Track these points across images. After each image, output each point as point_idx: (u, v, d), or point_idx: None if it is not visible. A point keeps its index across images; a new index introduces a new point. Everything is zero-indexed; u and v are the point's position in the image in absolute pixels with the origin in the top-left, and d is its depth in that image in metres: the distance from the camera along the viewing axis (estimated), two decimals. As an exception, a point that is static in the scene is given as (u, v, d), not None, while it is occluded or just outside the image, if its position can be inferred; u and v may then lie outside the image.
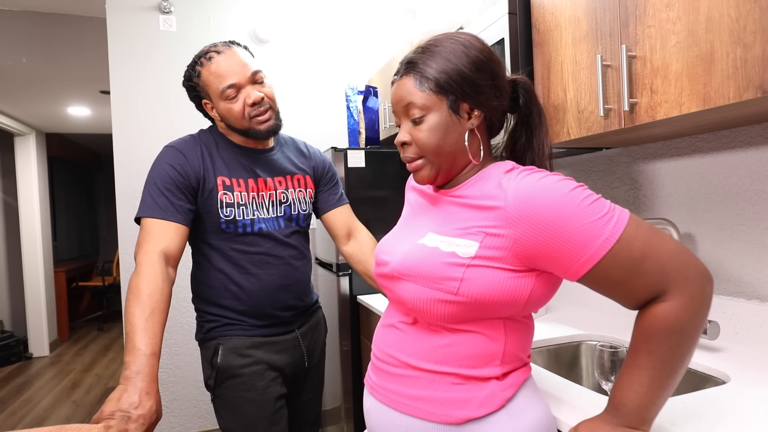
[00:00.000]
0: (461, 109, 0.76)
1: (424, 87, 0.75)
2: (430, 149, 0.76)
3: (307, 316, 1.37)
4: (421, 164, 0.79)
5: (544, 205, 0.66)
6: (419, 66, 0.76)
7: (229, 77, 1.16)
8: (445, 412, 0.72)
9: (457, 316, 0.72)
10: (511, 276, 0.69)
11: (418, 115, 0.76)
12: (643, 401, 0.64)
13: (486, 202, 0.72)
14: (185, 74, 1.24)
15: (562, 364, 1.32)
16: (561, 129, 1.24)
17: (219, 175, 1.21)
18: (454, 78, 0.74)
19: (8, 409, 3.29)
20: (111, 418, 0.80)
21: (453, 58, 0.75)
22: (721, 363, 1.05)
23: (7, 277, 4.72)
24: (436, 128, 0.75)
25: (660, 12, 0.94)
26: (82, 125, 4.83)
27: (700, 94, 0.87)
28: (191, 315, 2.60)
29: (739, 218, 1.17)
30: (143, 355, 0.89)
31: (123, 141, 2.51)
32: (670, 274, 0.63)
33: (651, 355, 0.64)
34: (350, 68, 2.94)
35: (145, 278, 1.01)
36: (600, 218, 0.64)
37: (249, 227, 1.22)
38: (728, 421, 0.78)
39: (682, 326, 0.62)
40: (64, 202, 5.79)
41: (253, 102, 1.17)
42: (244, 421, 1.19)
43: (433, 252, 0.74)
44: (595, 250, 0.64)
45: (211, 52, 1.19)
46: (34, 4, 2.85)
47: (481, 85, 0.75)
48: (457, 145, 0.77)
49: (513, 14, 1.29)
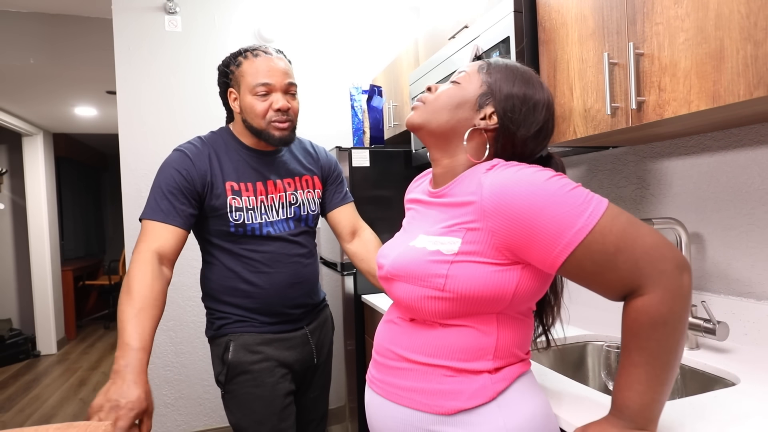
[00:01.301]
0: (486, 106, 0.79)
1: (481, 72, 0.82)
2: (437, 103, 0.81)
3: (315, 313, 1.38)
4: (420, 106, 0.84)
5: (517, 196, 0.67)
6: (493, 66, 0.82)
7: (267, 77, 1.20)
8: (437, 402, 0.74)
9: (447, 312, 0.74)
10: (496, 270, 0.71)
11: (457, 80, 0.83)
12: (645, 399, 0.64)
13: (464, 198, 0.74)
14: (224, 60, 1.26)
15: (568, 365, 1.31)
16: (567, 128, 1.23)
17: (227, 179, 1.22)
18: (504, 89, 0.79)
19: (17, 406, 3.32)
20: (100, 411, 0.84)
21: (518, 81, 0.80)
22: (730, 364, 1.04)
23: (16, 276, 4.77)
24: (456, 96, 0.81)
25: (668, 9, 0.93)
26: (88, 125, 4.86)
27: (710, 91, 0.86)
28: (197, 314, 2.61)
29: (749, 218, 1.15)
30: (131, 349, 0.93)
31: (129, 141, 2.52)
32: (644, 268, 0.63)
33: (642, 351, 0.64)
34: (354, 67, 2.93)
35: (136, 276, 1.04)
36: (574, 208, 0.65)
37: (258, 231, 1.24)
38: (738, 423, 0.77)
39: (664, 319, 0.62)
40: (71, 202, 5.83)
41: (279, 108, 1.20)
42: (253, 417, 1.21)
43: (420, 252, 0.76)
44: (568, 240, 0.64)
45: (260, 50, 1.23)
46: (42, 6, 2.87)
47: (517, 108, 0.78)
48: (457, 125, 0.80)
49: (518, 12, 1.28)
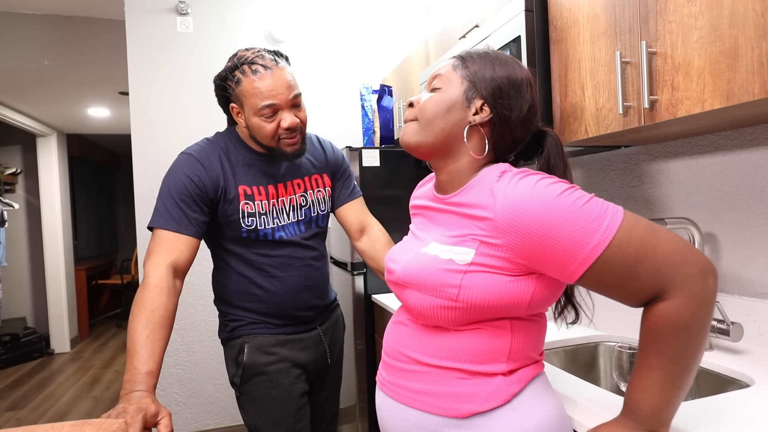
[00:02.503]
0: (474, 99, 0.78)
1: (457, 68, 0.80)
2: (426, 115, 0.79)
3: (327, 313, 1.38)
4: (410, 125, 0.82)
5: (531, 213, 0.66)
6: (467, 59, 0.81)
7: (271, 98, 1.12)
8: (451, 406, 0.73)
9: (460, 320, 0.73)
10: (511, 279, 0.70)
11: (437, 86, 0.80)
12: (659, 402, 0.63)
13: (477, 212, 0.73)
14: (220, 74, 1.18)
15: (580, 365, 1.30)
16: (579, 127, 1.22)
17: (240, 183, 1.20)
18: (486, 77, 0.78)
19: (31, 404, 3.37)
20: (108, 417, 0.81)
21: (497, 65, 0.79)
22: (744, 365, 1.03)
23: (30, 276, 4.83)
24: (443, 101, 0.79)
25: (682, 7, 0.92)
26: (101, 126, 4.92)
27: (724, 90, 0.85)
28: (208, 313, 2.63)
29: (763, 217, 1.14)
30: (140, 373, 0.91)
31: (141, 141, 2.55)
32: (667, 274, 0.62)
33: (660, 356, 0.63)
34: (365, 67, 2.94)
35: (150, 293, 1.01)
36: (589, 224, 0.63)
37: (270, 236, 1.22)
38: (752, 425, 0.76)
39: (686, 323, 0.61)
40: (84, 202, 5.91)
41: (288, 127, 1.15)
42: (270, 418, 1.21)
43: (432, 260, 0.75)
44: (585, 256, 0.64)
45: (258, 64, 1.13)
46: (56, 8, 2.91)
47: (505, 92, 0.77)
48: (453, 129, 0.78)
49: (529, 11, 1.28)
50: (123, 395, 0.88)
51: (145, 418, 0.83)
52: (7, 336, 4.31)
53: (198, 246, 1.15)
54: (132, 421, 0.80)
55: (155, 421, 0.85)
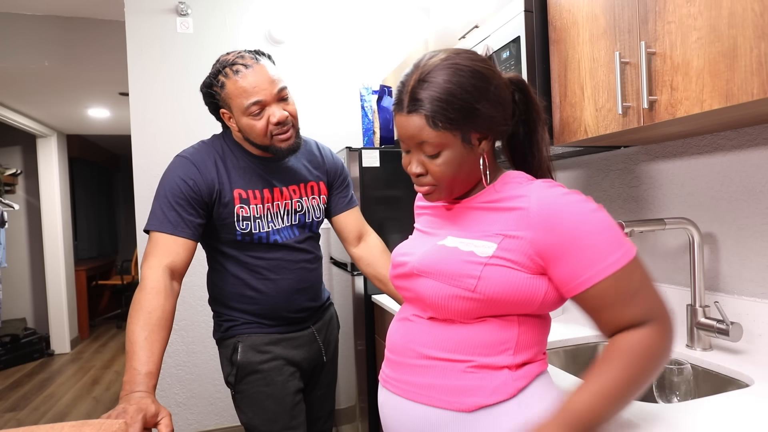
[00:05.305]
0: (472, 138, 0.76)
1: (438, 127, 0.73)
2: (446, 181, 0.78)
3: (320, 313, 1.39)
4: (435, 190, 0.80)
5: (567, 215, 0.70)
6: (425, 105, 0.73)
7: (256, 94, 1.12)
8: (457, 399, 0.74)
9: (473, 312, 0.74)
10: (528, 277, 0.72)
11: (434, 152, 0.76)
12: (594, 408, 0.66)
13: (509, 204, 0.75)
14: (205, 81, 1.19)
15: (580, 365, 1.31)
16: (578, 127, 1.22)
17: (235, 187, 1.20)
18: (465, 113, 0.73)
19: (31, 405, 3.37)
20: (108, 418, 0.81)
21: (457, 90, 0.72)
22: (744, 365, 1.03)
23: (30, 276, 4.84)
24: (452, 162, 0.76)
25: (680, 7, 0.92)
26: (101, 127, 4.92)
27: (723, 90, 0.85)
28: (208, 314, 2.63)
29: (762, 217, 1.14)
30: (139, 374, 0.91)
31: (141, 142, 2.55)
32: (655, 308, 0.69)
33: (621, 371, 0.67)
34: (364, 68, 2.94)
35: (147, 295, 1.02)
36: (614, 242, 0.69)
37: (264, 239, 1.23)
38: (751, 425, 0.76)
39: (658, 352, 0.68)
40: (84, 202, 5.91)
41: (277, 121, 1.15)
42: (265, 416, 1.22)
43: (452, 251, 0.76)
44: (603, 267, 0.68)
45: (238, 64, 1.13)
46: (56, 9, 2.91)
47: (487, 113, 0.75)
48: (472, 171, 0.80)
49: (529, 12, 1.28)
50: (123, 396, 0.89)
51: (145, 419, 0.83)
52: (7, 337, 4.31)
53: (195, 248, 1.16)
54: (132, 421, 0.80)
55: (155, 422, 0.85)
